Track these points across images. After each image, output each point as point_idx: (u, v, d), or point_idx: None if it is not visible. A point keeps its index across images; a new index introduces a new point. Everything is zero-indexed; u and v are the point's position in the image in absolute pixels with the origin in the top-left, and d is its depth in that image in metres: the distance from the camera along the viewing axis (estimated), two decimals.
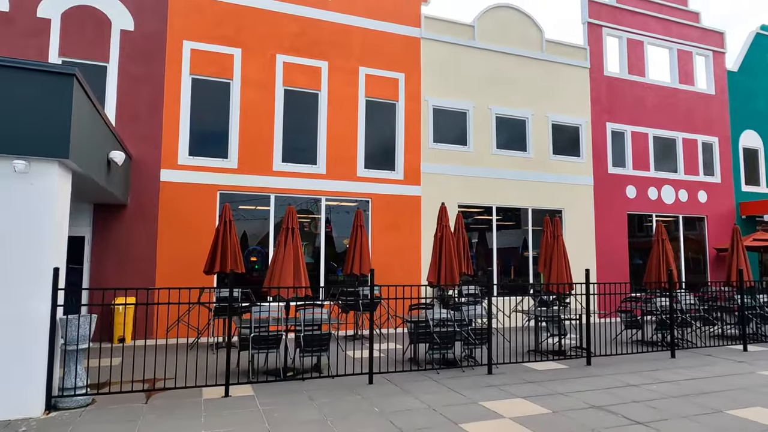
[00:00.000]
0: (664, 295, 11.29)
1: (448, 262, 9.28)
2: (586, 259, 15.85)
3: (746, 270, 12.17)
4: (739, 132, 19.02)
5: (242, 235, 12.33)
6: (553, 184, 15.74)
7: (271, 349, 7.80)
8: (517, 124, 15.59)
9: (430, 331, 8.63)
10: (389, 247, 13.51)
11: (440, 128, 14.60)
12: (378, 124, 13.93)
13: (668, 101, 17.89)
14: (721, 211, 18.25)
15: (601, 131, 16.66)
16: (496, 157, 15.12)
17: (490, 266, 14.93)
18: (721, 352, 10.38)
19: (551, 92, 16.05)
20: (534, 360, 9.26)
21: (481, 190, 14.82)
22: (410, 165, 14.07)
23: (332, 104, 13.41)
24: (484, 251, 15.03)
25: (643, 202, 17.02)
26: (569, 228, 15.79)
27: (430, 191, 14.21)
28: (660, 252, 11.58)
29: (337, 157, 13.32)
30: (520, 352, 10.11)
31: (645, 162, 17.26)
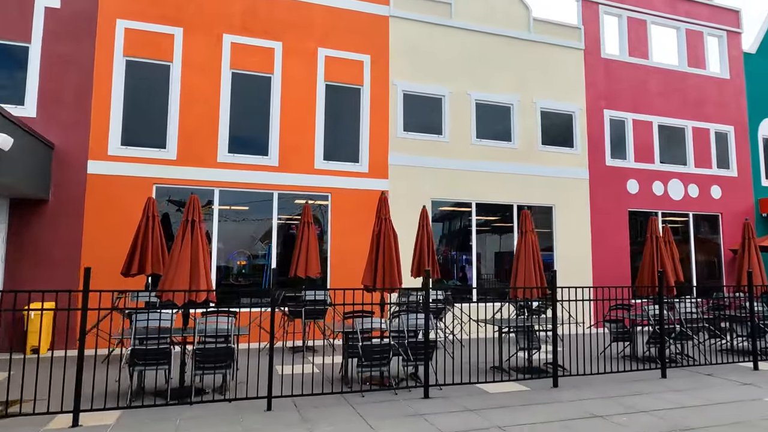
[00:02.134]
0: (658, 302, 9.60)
1: (387, 263, 7.81)
2: (579, 261, 14.15)
3: (761, 273, 10.39)
4: (758, 121, 17.07)
5: None
6: (542, 177, 14.12)
7: (160, 365, 6.47)
8: (500, 112, 14.04)
9: (367, 344, 7.19)
10: (351, 248, 12.08)
11: (411, 116, 13.16)
12: (340, 112, 12.57)
13: (676, 86, 16.10)
14: (737, 208, 16.31)
15: (597, 119, 14.98)
16: (476, 147, 13.60)
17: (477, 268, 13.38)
18: (726, 371, 8.65)
19: (540, 76, 14.46)
20: (494, 380, 7.71)
21: (458, 184, 13.31)
22: (376, 157, 12.66)
23: (287, 89, 12.10)
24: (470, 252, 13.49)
25: (647, 197, 15.24)
26: (561, 227, 14.13)
27: (400, 186, 12.76)
28: (653, 251, 9.90)
29: (292, 147, 11.99)
30: (482, 370, 8.56)
31: (649, 153, 15.49)
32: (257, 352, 9.18)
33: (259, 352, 7.28)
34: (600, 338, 11.70)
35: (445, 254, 13.69)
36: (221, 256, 11.43)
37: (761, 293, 10.43)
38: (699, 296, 15.13)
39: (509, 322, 8.53)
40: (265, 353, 8.53)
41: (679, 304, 9.84)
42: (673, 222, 15.61)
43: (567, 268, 13.96)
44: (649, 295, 10.27)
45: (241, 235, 11.71)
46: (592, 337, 11.58)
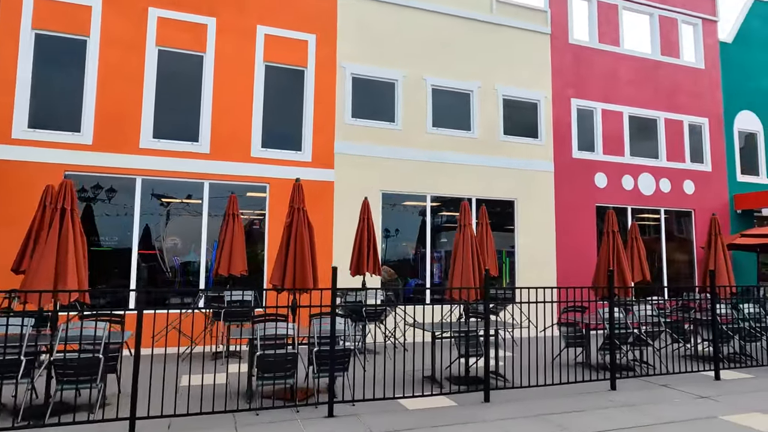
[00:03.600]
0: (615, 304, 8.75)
1: (299, 260, 6.82)
2: (543, 259, 13.28)
3: (728, 272, 9.57)
4: (734, 113, 16.32)
5: (92, 229, 10.00)
6: (504, 169, 13.21)
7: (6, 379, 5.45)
8: (459, 98, 13.10)
9: (264, 354, 6.21)
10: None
11: (361, 101, 12.18)
12: (281, 95, 11.55)
13: (648, 75, 15.28)
14: (711, 204, 15.55)
15: (564, 108, 14.11)
16: (431, 136, 12.65)
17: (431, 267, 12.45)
18: (685, 381, 7.79)
19: (502, 61, 13.55)
20: (421, 393, 6.78)
21: (412, 176, 12.36)
22: (321, 144, 11.66)
23: (221, 69, 11.06)
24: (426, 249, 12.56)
25: (616, 192, 14.41)
26: (523, 222, 13.24)
27: (347, 176, 11.78)
28: (611, 248, 9.02)
29: (226, 133, 10.96)
30: (410, 381, 7.62)
31: (619, 145, 14.66)
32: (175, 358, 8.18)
33: (178, 358, 6.26)
34: (558, 343, 10.84)
35: (415, 252, 12.75)
36: (172, 254, 10.39)
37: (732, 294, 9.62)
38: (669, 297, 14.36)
39: (442, 326, 7.60)
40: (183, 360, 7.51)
41: (639, 306, 8.98)
42: (643, 218, 14.81)
43: (529, 267, 13.09)
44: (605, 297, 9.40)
45: (189, 231, 10.67)
46: (548, 342, 10.70)
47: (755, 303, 9.31)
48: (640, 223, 14.72)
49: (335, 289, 6.02)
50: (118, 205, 10.25)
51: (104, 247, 10.10)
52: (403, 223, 12.61)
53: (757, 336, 8.99)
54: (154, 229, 10.48)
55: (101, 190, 10.15)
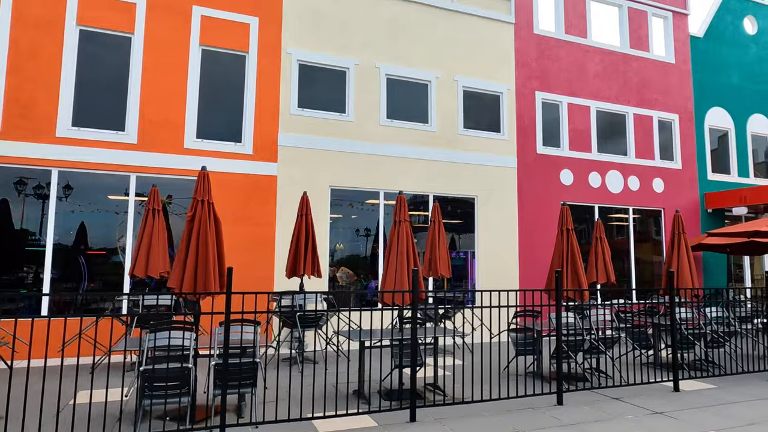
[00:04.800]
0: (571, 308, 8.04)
1: (201, 259, 5.95)
2: (504, 260, 12.57)
3: (692, 273, 8.93)
4: (704, 109, 15.83)
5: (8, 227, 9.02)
6: (464, 165, 12.48)
7: None
8: (416, 89, 12.34)
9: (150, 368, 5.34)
10: (229, 242, 10.22)
11: (308, 90, 11.35)
12: (219, 82, 10.67)
13: (616, 69, 14.70)
14: (681, 203, 15.02)
15: (528, 101, 13.44)
16: (386, 129, 11.87)
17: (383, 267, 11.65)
18: (641, 393, 7.09)
19: (463, 51, 12.82)
20: (341, 412, 5.96)
21: (364, 170, 11.55)
22: (263, 136, 10.80)
23: (151, 52, 10.15)
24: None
25: (583, 190, 13.78)
26: (484, 221, 12.52)
27: (292, 170, 10.94)
28: (564, 248, 8.31)
29: (156, 122, 10.04)
30: (334, 396, 6.82)
31: (585, 141, 14.04)
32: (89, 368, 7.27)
33: (93, 367, 5.36)
34: (507, 350, 10.12)
35: (374, 251, 11.95)
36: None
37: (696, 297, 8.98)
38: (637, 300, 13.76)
39: (371, 334, 6.80)
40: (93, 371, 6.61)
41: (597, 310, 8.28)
42: (613, 218, 14.20)
43: (490, 268, 12.37)
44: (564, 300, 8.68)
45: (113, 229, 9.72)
46: (502, 348, 9.96)
47: (719, 306, 8.68)
48: (611, 224, 14.12)
49: (230, 292, 5.16)
50: (30, 199, 9.27)
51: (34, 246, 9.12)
52: (360, 221, 11.79)
53: (721, 342, 8.35)
54: (97, 227, 9.52)
55: (12, 183, 9.17)
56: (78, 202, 9.53)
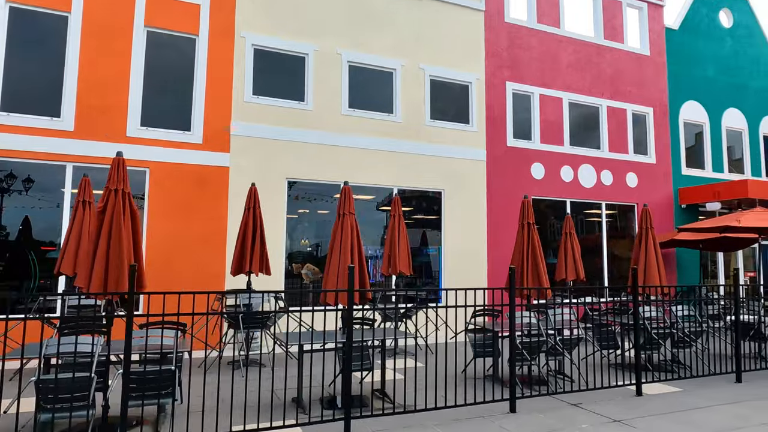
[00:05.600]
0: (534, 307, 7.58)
1: (113, 256, 5.34)
2: (472, 257, 12.10)
3: (659, 270, 8.53)
4: (679, 103, 15.53)
5: None
6: (430, 157, 11.97)
7: None
8: (380, 77, 11.78)
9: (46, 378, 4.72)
10: (176, 237, 9.58)
11: (264, 76, 10.72)
12: (166, 66, 10.00)
13: (590, 60, 14.30)
14: (655, 198, 14.71)
15: (498, 92, 12.96)
16: (347, 119, 11.30)
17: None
18: (602, 397, 6.66)
19: (430, 39, 12.29)
20: (269, 424, 5.41)
21: (324, 162, 10.98)
22: (215, 124, 10.16)
23: (90, 33, 9.43)
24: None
25: (554, 184, 13.36)
26: (451, 216, 12.03)
27: (246, 161, 10.32)
28: (525, 244, 7.83)
29: (95, 108, 9.34)
30: (272, 404, 6.27)
31: (558, 134, 13.62)
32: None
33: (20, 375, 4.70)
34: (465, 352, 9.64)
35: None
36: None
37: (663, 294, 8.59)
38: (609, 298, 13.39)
39: (313, 336, 6.25)
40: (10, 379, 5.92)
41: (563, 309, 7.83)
42: (588, 214, 13.82)
43: (457, 265, 11.90)
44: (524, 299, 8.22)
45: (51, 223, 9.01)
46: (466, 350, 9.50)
47: (687, 304, 8.29)
48: (585, 219, 13.74)
49: (133, 293, 4.56)
50: None
51: None
52: (329, 216, 11.21)
53: (687, 342, 7.97)
54: (42, 221, 8.80)
55: None
56: (30, 194, 8.81)
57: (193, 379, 5.90)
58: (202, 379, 7.43)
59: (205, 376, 7.21)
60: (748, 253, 16.35)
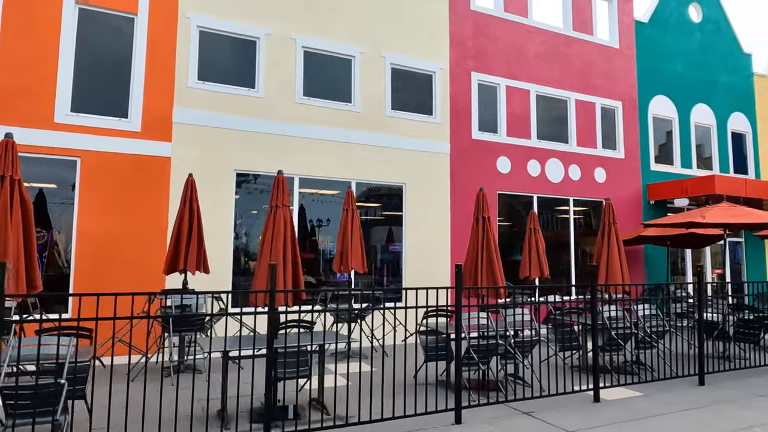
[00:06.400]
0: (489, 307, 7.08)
1: (14, 251, 4.65)
2: (434, 255, 11.60)
3: (622, 268, 8.13)
4: (649, 97, 15.28)
5: None
6: (391, 150, 11.41)
7: None
8: (337, 65, 11.17)
9: None
10: (111, 233, 8.84)
11: (210, 61, 10.02)
12: (100, 47, 9.22)
13: (559, 52, 13.92)
14: (624, 193, 14.43)
15: (463, 83, 12.47)
16: (302, 108, 10.66)
17: None
18: (558, 404, 6.19)
19: (392, 25, 11.72)
20: None
21: (276, 153, 10.33)
22: (154, 111, 9.42)
23: (12, 10, 8.60)
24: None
25: (521, 179, 12.94)
26: (413, 211, 11.50)
27: (190, 151, 9.61)
28: (480, 240, 7.33)
29: (18, 91, 8.53)
30: (192, 417, 5.64)
31: (524, 127, 13.20)
32: None
33: None
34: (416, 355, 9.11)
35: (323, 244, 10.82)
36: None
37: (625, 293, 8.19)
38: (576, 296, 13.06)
39: (241, 341, 5.63)
40: None
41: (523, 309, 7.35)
42: (555, 209, 13.44)
43: (419, 263, 11.38)
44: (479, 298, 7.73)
45: None
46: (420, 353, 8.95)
47: (649, 303, 7.90)
48: (554, 215, 13.36)
49: (2, 295, 3.89)
50: None
51: None
52: None
53: (650, 343, 7.58)
54: None
55: None
56: None
57: (110, 388, 5.23)
58: (121, 388, 6.75)
59: (129, 385, 6.53)
60: (717, 250, 16.24)
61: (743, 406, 6.22)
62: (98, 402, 6.13)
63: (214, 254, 9.47)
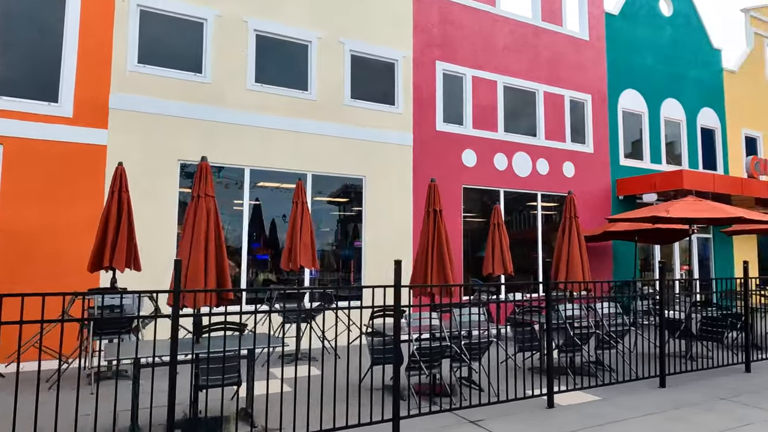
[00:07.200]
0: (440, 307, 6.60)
1: None
2: (396, 251, 11.11)
3: (582, 265, 7.74)
4: (618, 91, 15.01)
5: None
6: (350, 140, 10.87)
7: None
8: (293, 50, 10.57)
9: None
10: (39, 227, 8.11)
11: (153, 43, 9.32)
12: (25, 23, 8.46)
13: (527, 42, 13.52)
14: (593, 188, 14.14)
15: (428, 72, 11.98)
16: (254, 95, 10.04)
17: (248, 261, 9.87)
18: (510, 411, 5.75)
19: (352, 10, 11.16)
20: None
21: (226, 142, 9.70)
22: (88, 96, 8.70)
23: None
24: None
25: (487, 172, 12.52)
26: (373, 205, 10.98)
27: (129, 140, 8.91)
28: (431, 235, 6.84)
29: None
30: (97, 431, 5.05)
31: (491, 119, 12.78)
32: None
33: None
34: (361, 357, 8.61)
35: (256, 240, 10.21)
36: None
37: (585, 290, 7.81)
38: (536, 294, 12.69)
39: (154, 348, 5.04)
40: None
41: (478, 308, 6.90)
42: (524, 203, 13.06)
43: (379, 260, 10.87)
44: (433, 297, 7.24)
45: None
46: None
47: (609, 301, 7.53)
48: (524, 211, 12.98)
49: None
50: None
51: None
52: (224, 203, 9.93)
53: (610, 343, 7.20)
54: None
55: None
56: None
57: (15, 400, 4.56)
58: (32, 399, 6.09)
59: (38, 395, 5.90)
60: (686, 246, 16.10)
61: (705, 410, 5.87)
62: (4, 416, 5.48)
63: (155, 251, 8.82)
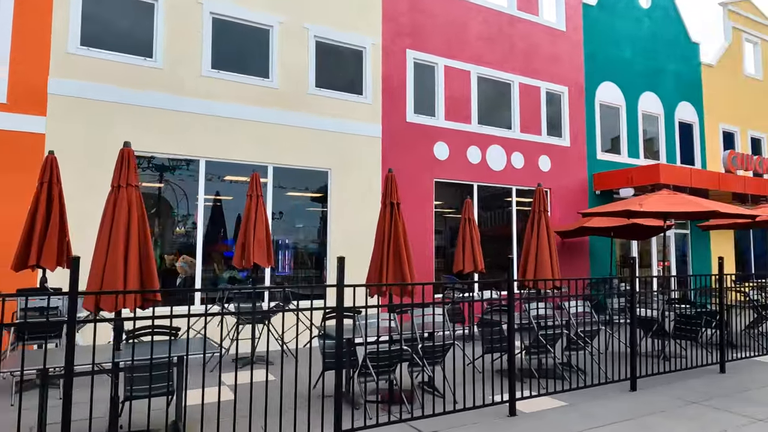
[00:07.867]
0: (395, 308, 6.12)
1: None
2: (363, 246, 10.61)
3: (552, 262, 7.33)
4: (596, 83, 14.69)
5: None
6: (315, 131, 10.33)
7: None
8: (253, 35, 9.99)
9: None
10: None
11: (97, 24, 8.67)
12: None
13: (502, 32, 13.10)
14: (569, 183, 13.79)
15: (397, 60, 11.48)
16: (210, 81, 9.44)
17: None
18: (469, 420, 5.30)
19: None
20: None
21: (179, 132, 9.09)
22: (24, 80, 8.04)
23: None
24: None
25: (460, 165, 12.08)
26: (338, 200, 10.46)
27: (70, 128, 8.27)
28: (387, 231, 6.36)
29: None
30: None
31: (465, 111, 12.33)
32: None
33: None
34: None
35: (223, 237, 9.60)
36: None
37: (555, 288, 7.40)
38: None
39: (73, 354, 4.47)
40: None
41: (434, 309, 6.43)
42: (501, 199, 12.65)
43: (346, 255, 10.36)
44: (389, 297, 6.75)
45: None
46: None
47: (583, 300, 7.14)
48: (499, 206, 12.57)
49: None
50: None
51: None
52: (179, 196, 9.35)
53: (579, 344, 6.81)
54: None
55: None
56: None
57: None
58: None
59: None
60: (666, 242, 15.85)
61: (676, 416, 5.49)
62: None
63: None
